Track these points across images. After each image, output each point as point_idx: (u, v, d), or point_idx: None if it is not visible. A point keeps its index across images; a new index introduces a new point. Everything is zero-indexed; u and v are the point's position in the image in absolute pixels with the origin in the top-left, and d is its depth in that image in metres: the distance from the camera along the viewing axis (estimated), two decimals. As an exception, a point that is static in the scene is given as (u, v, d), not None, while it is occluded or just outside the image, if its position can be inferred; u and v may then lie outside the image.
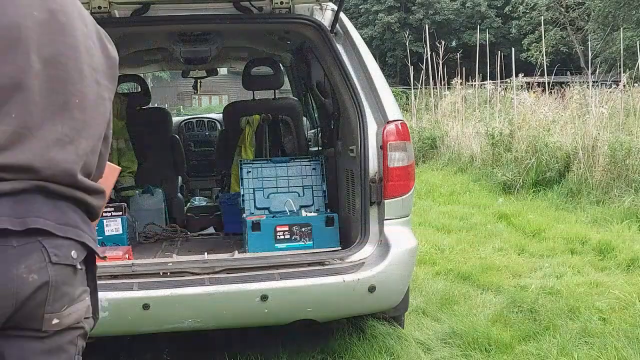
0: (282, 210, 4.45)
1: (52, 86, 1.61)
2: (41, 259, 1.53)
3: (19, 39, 1.56)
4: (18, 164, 1.53)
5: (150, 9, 3.92)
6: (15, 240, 1.50)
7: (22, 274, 1.51)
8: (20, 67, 1.55)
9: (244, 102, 5.78)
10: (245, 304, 3.42)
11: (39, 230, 1.53)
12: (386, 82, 3.97)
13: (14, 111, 1.54)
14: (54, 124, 1.60)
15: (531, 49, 37.78)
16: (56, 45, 1.62)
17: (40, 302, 1.55)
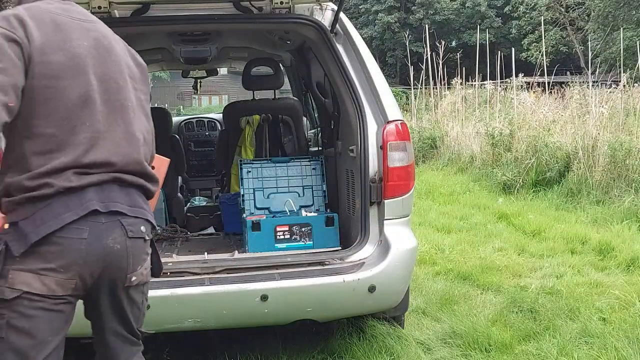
0: (282, 210, 4.45)
1: (108, 97, 2.19)
2: (122, 233, 2.15)
3: (80, 65, 2.14)
4: (99, 160, 2.13)
5: (150, 9, 3.92)
6: (103, 218, 2.11)
7: (110, 243, 2.12)
8: (85, 87, 2.13)
9: (244, 102, 5.77)
10: (245, 304, 3.42)
11: (117, 212, 2.13)
12: (386, 82, 3.97)
13: (87, 121, 2.12)
14: (117, 125, 2.19)
15: (531, 49, 37.77)
16: (105, 64, 2.21)
17: (122, 266, 2.18)
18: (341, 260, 3.67)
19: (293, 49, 5.39)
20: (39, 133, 2.08)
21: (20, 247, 2.03)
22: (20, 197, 2.06)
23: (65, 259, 2.06)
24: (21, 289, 2.03)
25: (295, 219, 4.20)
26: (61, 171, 2.08)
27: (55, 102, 2.09)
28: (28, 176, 2.06)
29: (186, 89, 29.00)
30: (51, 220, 2.04)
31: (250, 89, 5.40)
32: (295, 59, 5.84)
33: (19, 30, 2.05)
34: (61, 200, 2.06)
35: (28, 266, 2.04)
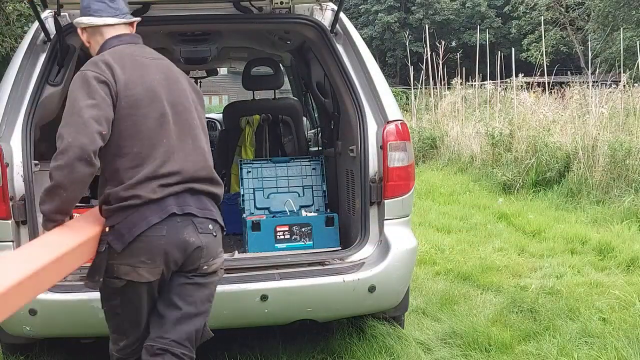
0: (282, 210, 4.45)
1: (178, 117, 2.75)
2: (194, 229, 2.70)
3: (156, 95, 2.70)
4: (174, 170, 2.68)
5: (150, 9, 3.91)
6: (179, 218, 2.67)
7: (186, 237, 2.67)
8: (161, 110, 2.69)
9: (244, 102, 5.77)
10: (245, 304, 3.43)
11: (190, 213, 2.70)
12: (386, 82, 3.97)
13: (164, 138, 2.68)
14: (186, 140, 2.75)
15: (531, 49, 37.77)
16: (174, 93, 2.78)
17: (197, 256, 2.72)
18: (341, 260, 3.67)
19: (293, 49, 5.38)
20: (128, 152, 2.63)
21: (120, 245, 2.60)
22: (117, 205, 2.62)
23: (151, 252, 2.63)
24: (125, 278, 2.64)
25: (295, 219, 4.21)
26: (146, 181, 2.63)
27: (138, 126, 2.64)
28: (122, 187, 2.61)
29: (186, 89, 28.96)
30: (140, 223, 2.61)
31: (250, 89, 5.40)
32: (295, 59, 5.84)
33: (107, 73, 2.62)
34: (148, 208, 2.62)
35: (126, 261, 2.62)
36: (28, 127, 3.48)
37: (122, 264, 2.63)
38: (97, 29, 2.82)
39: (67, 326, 3.39)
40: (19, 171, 3.38)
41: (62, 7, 3.70)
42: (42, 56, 3.68)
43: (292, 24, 4.14)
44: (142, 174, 2.63)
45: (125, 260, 2.62)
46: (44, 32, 3.71)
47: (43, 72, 3.62)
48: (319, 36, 4.00)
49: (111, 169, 2.65)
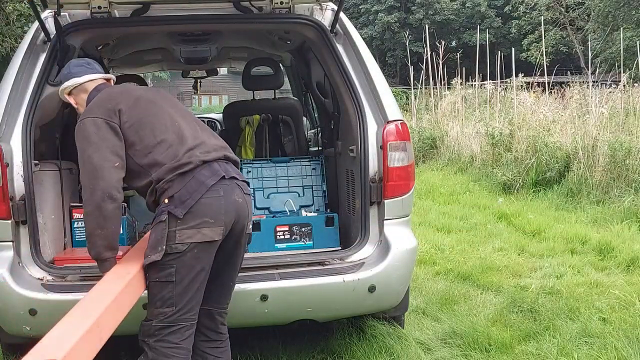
0: (282, 210, 4.45)
1: (177, 110, 3.17)
2: (240, 191, 3.02)
3: (156, 101, 3.14)
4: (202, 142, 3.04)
5: (150, 9, 3.91)
6: (227, 181, 2.96)
7: (236, 198, 2.98)
8: (170, 114, 3.10)
9: (243, 102, 5.76)
10: (245, 304, 3.42)
11: (234, 177, 3.01)
12: (386, 82, 3.97)
13: (177, 122, 3.07)
14: (194, 125, 3.15)
15: (531, 49, 37.76)
16: (169, 101, 3.21)
17: (245, 214, 3.05)
18: (341, 260, 3.67)
19: (293, 48, 5.38)
20: (154, 144, 2.94)
21: (182, 210, 2.82)
22: (171, 175, 2.87)
23: (213, 212, 2.86)
24: (188, 242, 2.82)
25: (295, 219, 4.20)
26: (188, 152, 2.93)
27: (152, 123, 3.01)
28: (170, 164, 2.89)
29: (186, 89, 29.04)
30: (200, 187, 2.87)
31: (250, 89, 5.40)
32: (295, 59, 5.83)
33: (101, 111, 2.97)
34: (200, 172, 2.89)
35: (189, 224, 2.82)
36: (28, 127, 3.48)
37: (185, 229, 2.81)
38: (81, 86, 3.18)
39: (67, 326, 3.38)
40: (19, 171, 3.38)
41: (62, 7, 3.70)
42: (42, 56, 3.68)
43: (292, 24, 4.14)
44: (180, 150, 2.94)
45: (188, 223, 2.81)
46: (44, 32, 3.71)
47: (43, 72, 3.62)
48: (319, 36, 4.00)
49: (148, 163, 2.93)
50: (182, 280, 2.85)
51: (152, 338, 2.86)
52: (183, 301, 2.87)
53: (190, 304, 2.89)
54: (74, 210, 4.00)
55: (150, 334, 2.87)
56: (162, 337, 2.86)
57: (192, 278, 2.87)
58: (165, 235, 2.81)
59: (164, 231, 2.82)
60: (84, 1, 3.75)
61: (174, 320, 2.86)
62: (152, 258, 2.83)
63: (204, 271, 2.92)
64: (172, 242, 2.82)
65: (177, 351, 2.87)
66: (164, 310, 2.86)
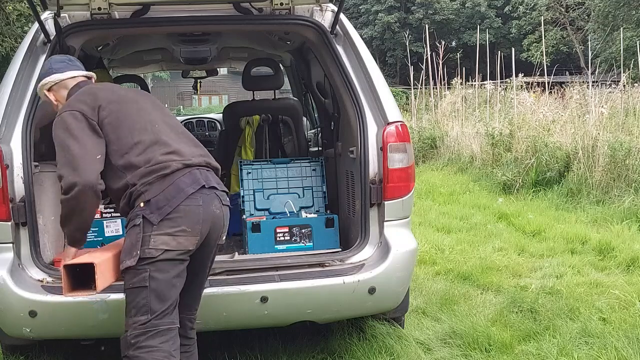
0: (282, 212, 4.45)
1: (157, 112, 3.12)
2: (219, 202, 2.95)
3: (138, 104, 3.07)
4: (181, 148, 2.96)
5: (150, 10, 3.91)
6: (207, 191, 2.89)
7: (214, 209, 2.91)
8: (139, 107, 3.05)
9: (243, 102, 5.76)
10: (245, 306, 3.42)
11: (213, 187, 2.93)
12: (386, 83, 3.96)
13: (156, 124, 3.00)
14: (175, 129, 3.08)
15: (531, 49, 37.77)
16: (152, 104, 3.16)
17: (220, 225, 2.98)
18: (341, 261, 3.67)
19: (293, 49, 5.39)
20: (131, 145, 2.87)
21: (157, 217, 2.76)
22: (150, 178, 2.80)
23: (191, 221, 2.81)
24: (162, 248, 2.76)
25: (295, 220, 4.20)
26: (166, 155, 2.86)
27: (128, 122, 2.95)
28: (145, 167, 2.82)
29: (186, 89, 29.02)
30: (178, 194, 2.80)
31: (250, 89, 5.40)
32: (295, 59, 5.84)
33: (80, 106, 2.92)
34: (180, 180, 2.83)
35: (165, 230, 2.77)
36: (28, 128, 3.48)
37: (160, 234, 2.76)
38: (63, 83, 3.14)
39: (66, 328, 3.39)
40: (19, 173, 3.38)
41: (62, 9, 3.70)
42: (42, 57, 3.68)
43: (292, 25, 4.14)
44: (156, 153, 2.87)
45: (163, 230, 2.76)
46: (44, 33, 3.71)
47: (43, 73, 3.61)
48: (319, 37, 4.00)
49: (123, 165, 2.86)
50: (157, 286, 2.78)
51: (130, 349, 2.79)
52: (157, 308, 2.79)
53: (165, 310, 2.82)
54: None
55: (128, 345, 2.80)
56: (140, 344, 2.78)
57: (167, 284, 2.81)
58: (140, 239, 2.76)
59: (138, 235, 2.77)
60: (84, 2, 3.75)
61: (149, 326, 2.79)
62: (127, 263, 2.78)
63: (179, 277, 2.87)
64: (146, 246, 2.75)
65: (156, 354, 2.78)
66: (139, 318, 2.79)
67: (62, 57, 3.26)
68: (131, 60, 6.39)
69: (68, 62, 3.20)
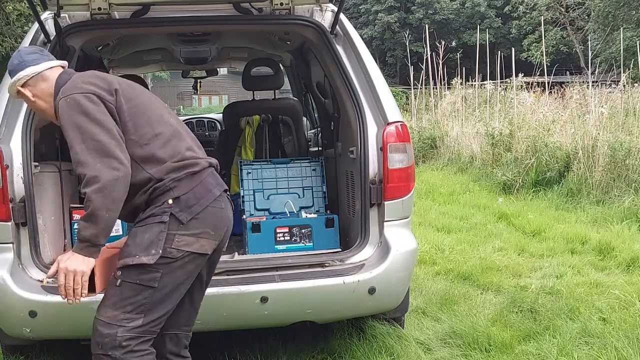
0: (282, 212, 4.45)
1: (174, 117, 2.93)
2: (230, 205, 2.85)
3: (148, 95, 2.88)
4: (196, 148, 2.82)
5: (150, 10, 3.91)
6: (225, 194, 2.80)
7: (228, 213, 2.81)
8: (162, 110, 2.85)
9: (244, 102, 5.77)
10: (245, 306, 3.42)
11: (225, 190, 2.83)
12: (386, 83, 3.96)
13: (171, 119, 2.83)
14: (190, 133, 2.92)
15: (531, 49, 37.77)
16: (157, 99, 2.93)
17: (229, 231, 2.83)
18: (341, 261, 3.67)
19: (293, 49, 5.39)
20: (152, 136, 2.67)
21: (187, 215, 2.62)
22: (180, 174, 2.65)
23: (216, 223, 2.71)
24: (185, 249, 2.62)
25: (295, 220, 4.20)
26: (189, 151, 2.73)
27: (147, 113, 2.73)
28: (172, 162, 2.65)
29: (186, 89, 29.05)
30: (207, 194, 2.68)
31: (250, 89, 5.40)
32: (295, 59, 5.84)
33: (93, 87, 2.64)
34: (207, 180, 2.72)
35: (190, 231, 2.63)
36: (28, 128, 3.47)
37: (185, 235, 2.61)
38: (40, 75, 2.77)
39: (66, 328, 3.39)
40: (19, 173, 3.38)
41: (62, 9, 3.70)
42: None
43: (292, 25, 4.14)
44: (181, 147, 2.72)
45: (189, 230, 2.62)
46: (44, 34, 3.71)
47: (43, 73, 3.61)
48: (319, 37, 4.00)
49: (144, 156, 2.63)
50: (163, 288, 2.63)
51: (120, 350, 2.58)
52: (155, 311, 2.64)
53: (162, 317, 2.68)
54: (74, 212, 4.01)
55: (115, 345, 2.58)
56: (132, 347, 2.60)
57: (173, 288, 2.66)
58: (163, 238, 2.58)
59: (162, 233, 2.59)
60: (84, 2, 3.75)
61: (145, 332, 2.63)
62: (142, 259, 2.58)
63: (186, 284, 2.72)
64: (169, 245, 2.59)
65: (150, 357, 2.67)
66: (132, 316, 2.59)
67: (33, 49, 2.93)
68: (131, 60, 6.40)
69: (40, 52, 2.86)
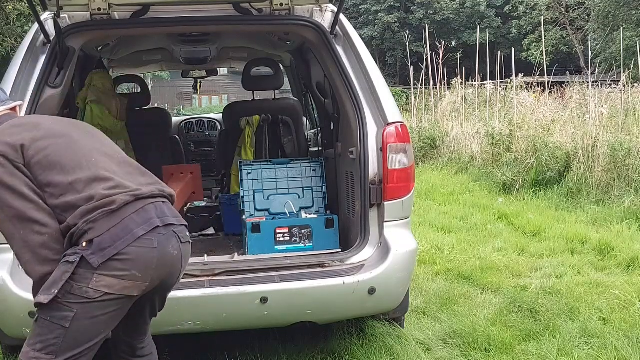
0: (282, 212, 4.45)
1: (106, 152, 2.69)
2: (177, 241, 2.56)
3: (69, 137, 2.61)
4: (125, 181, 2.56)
5: (149, 10, 3.91)
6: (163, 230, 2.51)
7: (171, 251, 2.53)
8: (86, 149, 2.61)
9: (243, 102, 5.77)
10: (245, 307, 3.42)
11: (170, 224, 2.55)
12: (386, 83, 3.96)
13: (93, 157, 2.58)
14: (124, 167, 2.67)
15: (531, 49, 37.77)
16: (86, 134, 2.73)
17: (178, 268, 2.62)
18: (341, 262, 3.67)
19: (293, 49, 5.39)
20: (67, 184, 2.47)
21: (99, 259, 2.38)
22: (95, 215, 2.41)
23: (143, 265, 2.44)
24: (103, 291, 2.40)
25: (295, 220, 4.20)
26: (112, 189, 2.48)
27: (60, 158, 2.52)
28: (86, 206, 2.43)
29: (186, 89, 29.09)
30: (126, 236, 2.41)
31: (250, 89, 5.40)
32: (295, 59, 5.84)
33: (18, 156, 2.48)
34: (130, 218, 2.45)
35: (110, 272, 2.40)
36: (28, 129, 3.47)
37: (105, 275, 2.39)
38: None
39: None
40: (19, 173, 3.37)
41: (62, 9, 3.70)
42: (42, 58, 3.68)
43: (292, 26, 4.14)
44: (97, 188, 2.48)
45: (110, 271, 2.39)
46: (44, 34, 3.71)
47: (43, 74, 3.62)
48: (319, 38, 4.00)
49: (61, 205, 2.46)
50: (77, 331, 2.41)
51: None
52: (68, 353, 2.42)
53: (77, 355, 2.44)
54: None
55: None
56: None
57: (90, 331, 2.44)
58: (66, 278, 2.37)
59: (66, 274, 2.37)
60: (84, 3, 3.76)
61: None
62: (40, 298, 2.40)
63: (108, 327, 2.52)
64: (86, 285, 2.38)
65: None
66: (41, 355, 2.40)
67: None
68: (131, 60, 6.40)
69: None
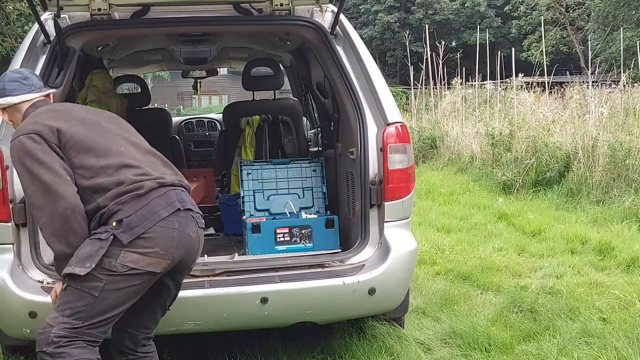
0: (282, 212, 4.45)
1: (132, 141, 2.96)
2: (194, 225, 2.84)
3: (100, 125, 2.91)
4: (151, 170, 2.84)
5: (150, 10, 3.91)
6: (183, 213, 2.79)
7: (190, 233, 2.80)
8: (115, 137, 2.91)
9: (244, 102, 5.77)
10: (245, 307, 3.42)
11: (189, 209, 2.83)
12: (386, 84, 3.96)
13: (122, 147, 2.87)
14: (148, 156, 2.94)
15: (531, 49, 37.77)
16: (115, 124, 3.00)
17: (195, 251, 2.88)
18: (341, 262, 3.67)
19: (293, 49, 5.39)
20: (98, 168, 2.75)
21: (129, 237, 2.63)
22: (124, 197, 2.67)
23: (165, 243, 2.69)
24: (130, 266, 2.64)
25: (295, 221, 4.20)
26: (138, 177, 2.73)
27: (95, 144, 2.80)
28: (117, 189, 2.69)
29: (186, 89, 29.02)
30: (152, 217, 2.68)
31: (250, 89, 5.40)
32: (295, 59, 5.84)
33: (39, 128, 2.74)
34: (155, 202, 2.71)
35: (136, 249, 2.64)
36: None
37: (131, 252, 2.64)
38: (15, 106, 2.96)
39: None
40: (19, 173, 3.38)
41: (62, 9, 3.70)
42: (42, 58, 3.68)
43: (292, 26, 4.14)
44: (127, 174, 2.74)
45: (136, 248, 2.65)
46: (44, 34, 3.72)
47: (43, 74, 3.62)
48: (319, 38, 4.00)
49: (91, 187, 2.72)
50: (104, 299, 2.65)
51: (51, 346, 2.63)
52: (94, 319, 2.66)
53: (100, 323, 2.69)
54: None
55: (49, 342, 2.64)
56: (61, 348, 2.63)
57: (115, 300, 2.68)
58: (101, 254, 2.62)
59: (101, 250, 2.63)
60: (84, 3, 3.76)
61: (79, 333, 2.66)
62: (75, 270, 2.63)
63: (132, 299, 2.74)
64: (114, 260, 2.63)
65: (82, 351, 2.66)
66: (71, 321, 2.64)
67: (16, 76, 3.02)
68: (131, 60, 6.40)
69: (22, 81, 2.98)
